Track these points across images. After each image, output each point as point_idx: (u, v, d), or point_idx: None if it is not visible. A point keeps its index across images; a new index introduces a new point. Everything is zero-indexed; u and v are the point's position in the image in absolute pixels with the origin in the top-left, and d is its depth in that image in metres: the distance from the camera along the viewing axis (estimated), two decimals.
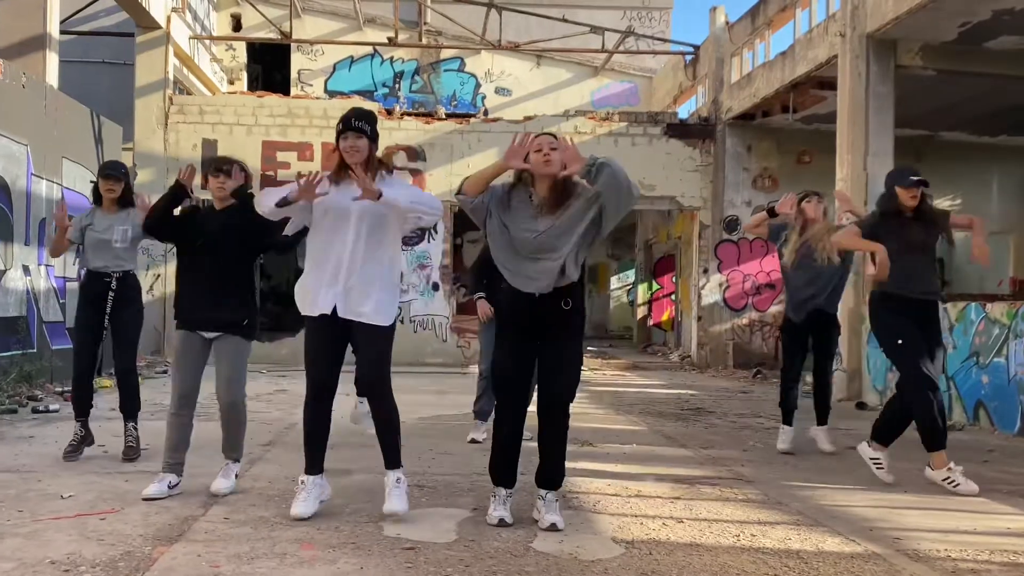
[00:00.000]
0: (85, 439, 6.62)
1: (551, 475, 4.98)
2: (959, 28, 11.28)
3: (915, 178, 6.15)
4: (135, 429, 6.66)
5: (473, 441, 7.57)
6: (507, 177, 4.99)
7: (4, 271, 10.51)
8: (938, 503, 5.73)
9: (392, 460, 5.06)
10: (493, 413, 5.55)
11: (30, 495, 5.40)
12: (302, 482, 5.04)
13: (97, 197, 6.78)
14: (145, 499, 5.27)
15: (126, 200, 6.77)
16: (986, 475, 6.63)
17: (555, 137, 4.90)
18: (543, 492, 4.93)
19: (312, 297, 5.02)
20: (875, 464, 6.36)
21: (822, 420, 7.68)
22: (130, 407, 6.66)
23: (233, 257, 5.60)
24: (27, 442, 7.23)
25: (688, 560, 4.28)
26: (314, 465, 5.07)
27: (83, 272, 6.73)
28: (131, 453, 6.56)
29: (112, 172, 6.75)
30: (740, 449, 7.73)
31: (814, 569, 4.20)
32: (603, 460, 6.91)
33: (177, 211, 5.72)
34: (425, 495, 5.55)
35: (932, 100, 14.42)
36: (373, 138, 5.11)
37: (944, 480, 6.07)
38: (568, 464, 5.11)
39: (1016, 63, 12.23)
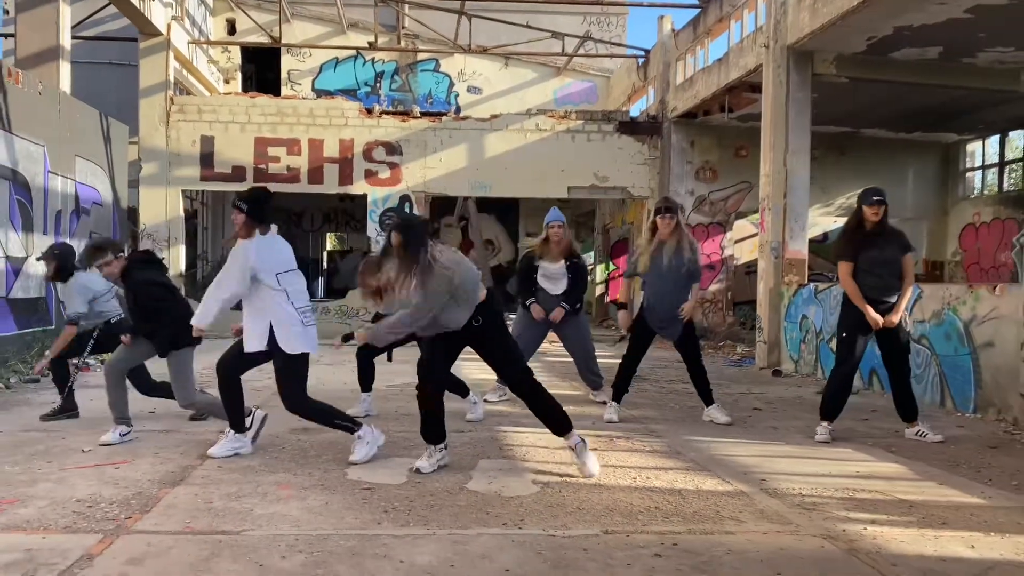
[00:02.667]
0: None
1: None
2: (867, 41, 11.87)
3: (876, 197, 6.78)
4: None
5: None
6: None
7: (26, 258, 11.04)
8: (809, 453, 6.40)
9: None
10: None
11: (56, 450, 6.03)
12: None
13: None
14: (102, 444, 6.17)
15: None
16: (859, 430, 7.35)
17: None
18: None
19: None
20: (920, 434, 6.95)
21: (708, 400, 7.86)
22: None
23: None
24: (49, 407, 7.75)
25: (588, 496, 4.95)
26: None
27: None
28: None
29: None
30: (660, 410, 8.40)
31: (688, 503, 4.87)
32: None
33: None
34: (386, 447, 6.18)
35: (850, 102, 15.07)
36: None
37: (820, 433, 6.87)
38: (507, 423, 5.71)
39: (917, 72, 12.84)
